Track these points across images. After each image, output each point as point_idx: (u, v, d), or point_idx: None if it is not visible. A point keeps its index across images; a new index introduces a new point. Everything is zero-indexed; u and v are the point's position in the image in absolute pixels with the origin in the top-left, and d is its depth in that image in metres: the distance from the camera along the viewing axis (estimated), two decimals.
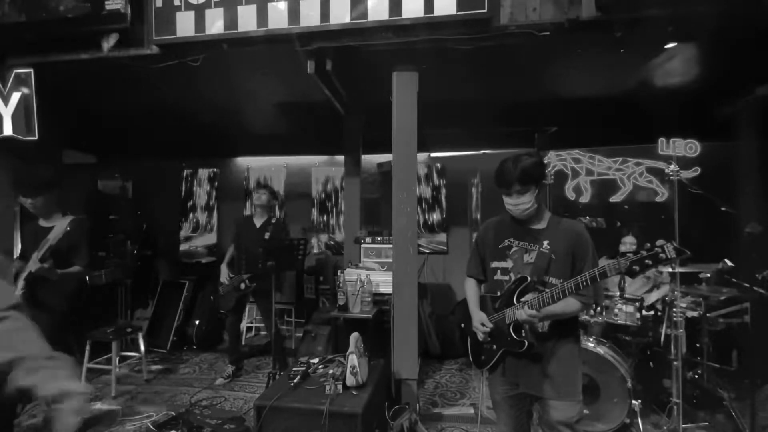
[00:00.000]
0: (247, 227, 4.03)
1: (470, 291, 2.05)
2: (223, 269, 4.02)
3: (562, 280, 1.75)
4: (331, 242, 5.68)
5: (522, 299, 1.80)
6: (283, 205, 5.85)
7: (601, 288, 1.66)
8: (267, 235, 3.81)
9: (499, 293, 1.90)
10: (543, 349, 1.82)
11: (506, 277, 1.88)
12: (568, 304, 1.73)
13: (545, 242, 1.81)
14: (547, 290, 1.73)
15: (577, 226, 1.87)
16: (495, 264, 1.93)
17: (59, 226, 2.75)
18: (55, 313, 2.69)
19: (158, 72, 3.18)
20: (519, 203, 1.79)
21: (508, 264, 1.88)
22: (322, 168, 5.81)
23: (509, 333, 1.82)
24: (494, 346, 1.91)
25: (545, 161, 3.68)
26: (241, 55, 3.11)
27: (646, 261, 1.57)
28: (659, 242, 1.59)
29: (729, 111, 4.20)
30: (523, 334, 1.81)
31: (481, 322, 1.89)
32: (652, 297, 3.46)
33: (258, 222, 4.01)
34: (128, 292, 4.95)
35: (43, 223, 2.85)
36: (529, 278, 1.79)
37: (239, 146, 5.85)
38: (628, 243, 3.53)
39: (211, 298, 4.20)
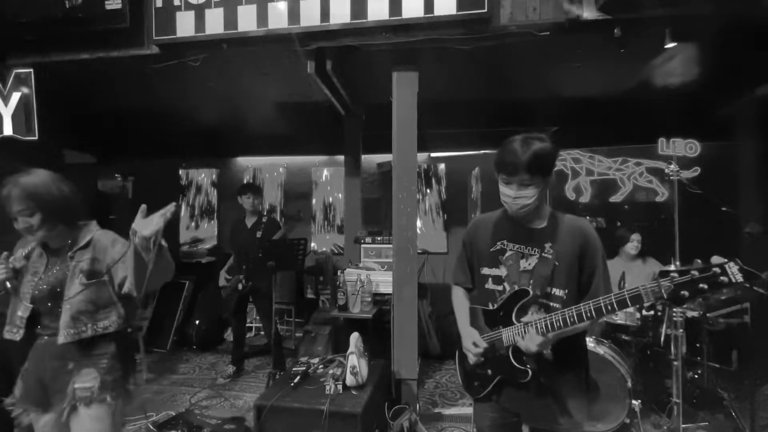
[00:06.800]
0: (239, 229, 4.08)
1: (458, 303, 1.73)
2: (222, 274, 4.06)
3: (567, 291, 1.47)
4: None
5: (523, 318, 1.49)
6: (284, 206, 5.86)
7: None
8: (259, 234, 3.85)
9: (491, 305, 1.57)
10: (550, 378, 1.50)
11: (499, 287, 1.55)
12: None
13: (547, 245, 1.49)
14: (557, 313, 1.40)
15: (583, 224, 1.53)
16: (486, 270, 1.60)
17: None
18: None
19: (158, 72, 3.19)
20: (520, 196, 1.45)
21: (502, 271, 1.55)
22: (322, 168, 5.82)
23: (508, 358, 1.50)
24: (489, 371, 1.58)
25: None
26: (241, 55, 3.11)
27: (701, 285, 1.18)
28: (716, 259, 1.19)
29: (729, 111, 4.21)
30: (525, 360, 1.48)
31: (472, 341, 1.57)
32: None
33: (249, 222, 4.05)
34: None
35: None
36: (531, 292, 1.48)
37: (239, 146, 5.85)
38: (636, 241, 3.53)
39: (218, 304, 4.23)
